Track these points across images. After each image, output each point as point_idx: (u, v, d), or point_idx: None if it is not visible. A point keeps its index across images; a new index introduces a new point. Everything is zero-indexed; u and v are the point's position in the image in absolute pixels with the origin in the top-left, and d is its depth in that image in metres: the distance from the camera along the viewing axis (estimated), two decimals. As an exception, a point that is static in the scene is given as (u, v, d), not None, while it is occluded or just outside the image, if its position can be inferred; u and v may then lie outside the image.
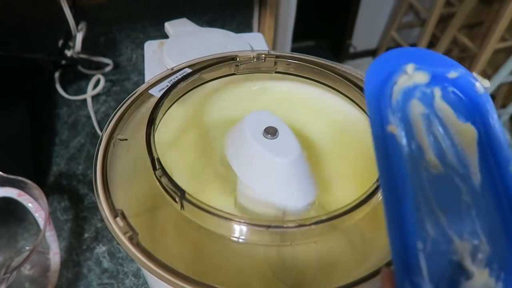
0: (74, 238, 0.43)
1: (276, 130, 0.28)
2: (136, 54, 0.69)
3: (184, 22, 0.50)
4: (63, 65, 0.61)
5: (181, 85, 0.32)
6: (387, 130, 0.19)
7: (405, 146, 0.19)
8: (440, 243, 0.17)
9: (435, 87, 0.21)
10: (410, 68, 0.21)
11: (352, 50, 1.87)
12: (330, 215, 0.23)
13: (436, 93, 0.21)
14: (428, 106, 0.21)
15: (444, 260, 0.17)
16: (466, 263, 0.17)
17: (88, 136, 0.55)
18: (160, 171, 0.25)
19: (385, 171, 0.18)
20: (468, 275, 0.16)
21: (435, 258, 0.16)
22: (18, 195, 0.35)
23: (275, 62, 0.35)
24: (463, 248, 0.17)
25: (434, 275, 0.16)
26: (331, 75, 0.34)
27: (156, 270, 0.22)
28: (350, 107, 0.34)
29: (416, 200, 0.18)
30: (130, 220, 0.25)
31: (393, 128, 0.19)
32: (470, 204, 0.18)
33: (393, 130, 0.19)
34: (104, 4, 0.68)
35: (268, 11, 0.81)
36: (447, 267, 0.17)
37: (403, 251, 0.16)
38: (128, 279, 0.40)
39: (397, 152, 0.19)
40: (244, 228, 0.24)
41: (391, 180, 0.18)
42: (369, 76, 0.21)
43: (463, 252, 0.17)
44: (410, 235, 0.17)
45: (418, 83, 0.21)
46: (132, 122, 0.31)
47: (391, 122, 0.19)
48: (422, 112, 0.21)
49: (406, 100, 0.21)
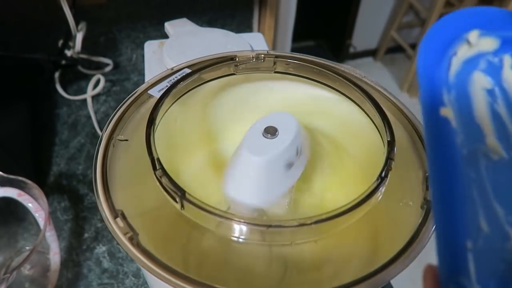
0: (74, 238, 0.43)
1: (276, 130, 0.28)
2: (136, 54, 0.69)
3: (184, 22, 0.50)
4: (63, 65, 0.61)
5: (180, 85, 0.32)
6: (440, 114, 0.16)
7: (460, 130, 0.17)
8: (495, 239, 0.15)
9: (505, 54, 0.18)
10: (473, 35, 0.17)
11: (352, 50, 1.87)
12: (330, 215, 0.23)
13: (506, 61, 0.18)
14: (494, 78, 0.18)
15: (496, 257, 0.15)
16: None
17: (88, 136, 0.55)
18: (160, 171, 0.25)
19: (435, 162, 0.16)
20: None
21: (487, 256, 0.15)
22: (18, 195, 0.35)
23: (274, 62, 0.35)
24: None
25: (484, 275, 0.15)
26: (331, 75, 0.34)
27: (156, 270, 0.22)
28: (350, 107, 0.34)
29: (470, 192, 0.16)
30: (130, 221, 0.25)
31: (447, 111, 0.17)
32: None
33: (446, 113, 0.17)
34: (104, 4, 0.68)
35: (268, 11, 0.81)
36: (499, 265, 0.15)
37: (450, 249, 0.15)
38: (128, 279, 0.40)
39: (450, 139, 0.16)
40: (244, 228, 0.24)
41: (442, 172, 0.16)
42: (423, 49, 0.17)
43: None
44: (460, 232, 0.15)
45: (483, 51, 0.18)
46: (132, 122, 0.31)
47: (445, 104, 0.17)
48: (485, 86, 0.18)
49: (466, 74, 0.18)
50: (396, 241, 0.24)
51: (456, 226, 0.15)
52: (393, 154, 0.26)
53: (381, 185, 0.25)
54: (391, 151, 0.27)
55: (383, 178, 0.25)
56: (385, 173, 0.25)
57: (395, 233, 0.26)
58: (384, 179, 0.25)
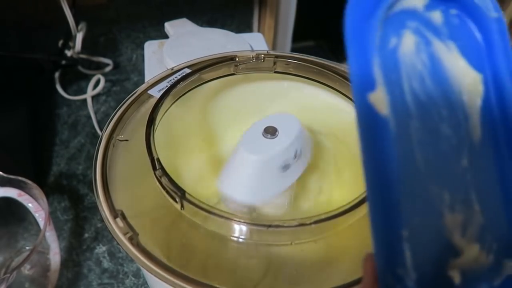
0: (74, 238, 0.43)
1: (276, 131, 0.28)
2: (136, 54, 0.69)
3: (184, 22, 0.50)
4: (63, 65, 0.61)
5: (180, 85, 0.32)
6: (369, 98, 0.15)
7: (391, 104, 0.15)
8: (429, 222, 0.15)
9: (434, 11, 0.16)
10: None
11: (352, 50, 1.87)
12: (330, 215, 0.23)
13: (435, 18, 0.16)
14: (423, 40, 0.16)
15: (431, 240, 0.15)
16: (455, 238, 0.15)
17: (88, 136, 0.55)
18: (160, 171, 0.25)
19: (366, 145, 0.15)
20: (457, 252, 0.15)
21: (422, 241, 0.15)
22: (18, 195, 0.35)
23: (274, 62, 0.35)
24: (453, 222, 0.15)
25: (420, 261, 0.15)
26: (331, 75, 0.34)
27: (156, 270, 0.22)
28: (350, 107, 0.34)
29: (404, 174, 0.15)
30: (130, 221, 0.25)
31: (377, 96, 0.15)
32: (466, 167, 0.16)
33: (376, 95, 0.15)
34: (104, 4, 0.68)
35: (268, 11, 0.81)
36: (434, 248, 0.15)
37: (386, 240, 0.15)
38: (128, 279, 0.40)
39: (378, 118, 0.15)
40: (244, 228, 0.24)
41: (375, 157, 0.15)
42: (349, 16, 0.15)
43: (453, 226, 0.15)
44: (395, 222, 0.15)
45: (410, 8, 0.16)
46: (132, 122, 0.31)
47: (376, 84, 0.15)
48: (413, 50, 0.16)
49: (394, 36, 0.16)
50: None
51: (391, 215, 0.15)
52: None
53: (381, 185, 0.25)
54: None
55: (383, 178, 0.25)
56: (385, 173, 0.25)
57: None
58: (384, 179, 0.25)
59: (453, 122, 0.16)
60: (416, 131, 0.16)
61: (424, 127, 0.16)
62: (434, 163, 0.16)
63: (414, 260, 0.15)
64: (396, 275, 0.14)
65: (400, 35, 0.16)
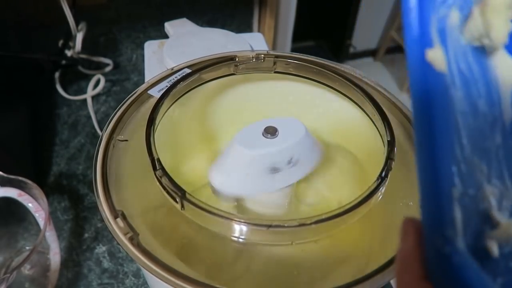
0: (74, 238, 0.43)
1: (276, 132, 0.28)
2: (136, 54, 0.69)
3: (184, 22, 0.50)
4: (63, 65, 0.61)
5: (180, 85, 0.32)
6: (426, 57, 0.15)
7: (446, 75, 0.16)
8: (470, 190, 0.15)
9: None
10: None
11: (352, 50, 1.87)
12: (330, 215, 0.23)
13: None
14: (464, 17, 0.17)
15: (473, 209, 0.15)
16: (493, 210, 0.15)
17: (88, 136, 0.55)
18: (160, 171, 0.25)
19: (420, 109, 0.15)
20: (494, 224, 0.15)
21: (466, 206, 0.14)
22: (18, 195, 0.35)
23: (274, 62, 0.35)
24: (491, 194, 0.15)
25: (466, 226, 0.14)
26: (331, 75, 0.34)
27: (156, 270, 0.22)
28: (349, 107, 0.34)
29: (451, 142, 0.15)
30: (130, 221, 0.25)
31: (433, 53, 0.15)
32: (499, 144, 0.16)
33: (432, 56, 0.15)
34: (104, 4, 0.68)
35: (268, 11, 0.81)
36: (475, 216, 0.15)
37: (436, 200, 0.14)
38: (128, 279, 0.40)
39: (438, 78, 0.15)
40: (244, 228, 0.24)
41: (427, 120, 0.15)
42: None
43: (491, 198, 0.15)
44: (444, 181, 0.14)
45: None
46: (132, 122, 0.31)
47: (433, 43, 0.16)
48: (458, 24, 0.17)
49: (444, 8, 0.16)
50: (396, 241, 0.24)
51: (440, 175, 0.14)
52: (393, 154, 0.26)
53: (381, 185, 0.25)
54: (391, 151, 0.27)
55: (383, 178, 0.25)
56: (385, 173, 0.25)
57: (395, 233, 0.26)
58: (384, 179, 0.25)
59: (489, 100, 0.17)
60: (459, 101, 0.16)
61: (465, 99, 0.16)
62: (473, 134, 0.16)
63: (463, 222, 0.14)
64: (445, 236, 0.14)
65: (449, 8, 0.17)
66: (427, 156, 0.15)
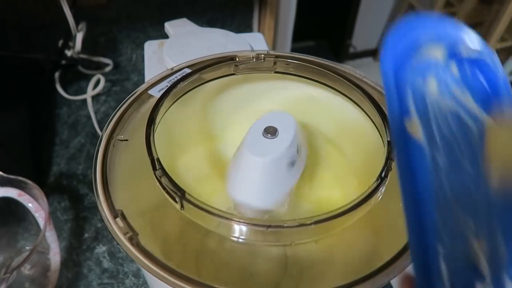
0: (74, 238, 0.43)
1: (276, 130, 0.28)
2: (136, 54, 0.69)
3: (184, 22, 0.50)
4: (63, 65, 0.61)
5: (180, 85, 0.32)
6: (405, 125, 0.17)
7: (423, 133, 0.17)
8: (457, 244, 0.16)
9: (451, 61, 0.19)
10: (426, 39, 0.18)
11: (352, 50, 1.87)
12: (330, 215, 0.23)
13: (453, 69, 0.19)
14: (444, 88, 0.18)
15: (460, 261, 0.16)
16: (481, 264, 0.16)
17: (88, 136, 0.55)
18: (160, 171, 0.25)
19: (405, 169, 0.17)
20: (483, 278, 0.16)
21: (453, 260, 0.16)
22: (18, 195, 0.35)
23: (275, 62, 0.35)
24: (479, 249, 0.16)
25: (452, 278, 0.16)
26: (331, 75, 0.33)
27: (156, 270, 0.22)
28: (349, 107, 0.34)
29: (436, 198, 0.17)
30: (130, 221, 0.25)
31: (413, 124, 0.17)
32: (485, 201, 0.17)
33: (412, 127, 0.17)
34: (104, 4, 0.68)
35: (268, 11, 0.81)
36: (463, 269, 0.16)
37: (422, 255, 0.16)
38: (128, 279, 0.40)
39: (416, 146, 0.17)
40: (244, 228, 0.24)
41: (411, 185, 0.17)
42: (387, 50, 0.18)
43: (479, 253, 0.16)
44: (430, 238, 0.16)
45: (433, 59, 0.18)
46: (132, 122, 0.31)
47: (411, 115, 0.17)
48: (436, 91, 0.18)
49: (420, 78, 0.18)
50: (396, 241, 0.24)
51: (426, 233, 0.16)
52: (393, 154, 0.26)
53: (381, 185, 0.25)
54: (391, 151, 0.27)
55: (383, 178, 0.25)
56: (385, 173, 0.25)
57: (395, 233, 0.26)
58: (384, 179, 0.25)
59: (472, 159, 0.18)
60: (443, 163, 0.17)
61: (449, 160, 0.17)
62: (459, 192, 0.17)
63: (449, 275, 0.16)
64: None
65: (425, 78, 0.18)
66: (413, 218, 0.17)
